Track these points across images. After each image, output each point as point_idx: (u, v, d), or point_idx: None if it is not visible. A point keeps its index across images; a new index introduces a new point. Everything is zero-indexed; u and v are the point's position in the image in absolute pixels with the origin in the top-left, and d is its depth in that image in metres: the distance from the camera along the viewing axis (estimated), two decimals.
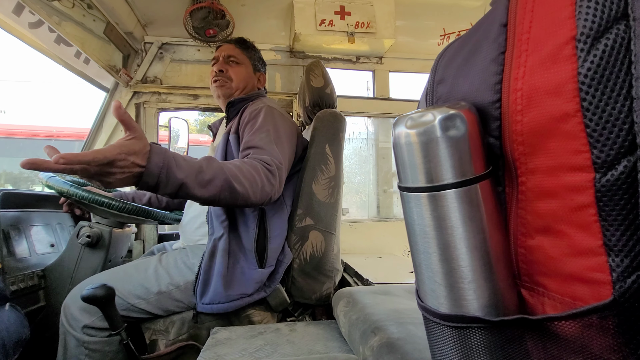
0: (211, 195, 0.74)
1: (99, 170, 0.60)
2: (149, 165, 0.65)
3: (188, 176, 0.70)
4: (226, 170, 0.76)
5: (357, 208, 1.96)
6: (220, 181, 0.75)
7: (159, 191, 0.69)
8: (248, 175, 0.80)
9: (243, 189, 0.78)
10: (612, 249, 0.24)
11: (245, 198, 0.79)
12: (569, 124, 0.24)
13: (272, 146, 0.90)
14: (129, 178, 0.64)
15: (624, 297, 0.23)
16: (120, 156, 0.61)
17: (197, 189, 0.72)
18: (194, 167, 0.72)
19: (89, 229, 1.05)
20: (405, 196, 0.33)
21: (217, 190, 0.74)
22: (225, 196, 0.76)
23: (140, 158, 0.64)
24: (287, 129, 1.00)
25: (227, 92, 1.11)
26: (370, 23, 1.61)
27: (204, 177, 0.73)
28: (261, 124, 0.94)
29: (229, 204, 0.79)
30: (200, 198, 0.74)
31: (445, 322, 0.31)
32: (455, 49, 0.36)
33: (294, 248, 1.01)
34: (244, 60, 1.15)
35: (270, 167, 0.84)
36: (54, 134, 4.28)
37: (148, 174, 0.65)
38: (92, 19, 1.43)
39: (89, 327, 0.84)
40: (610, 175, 0.23)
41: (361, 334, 0.65)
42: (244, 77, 1.13)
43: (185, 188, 0.70)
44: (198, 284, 0.89)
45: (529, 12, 0.27)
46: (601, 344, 0.25)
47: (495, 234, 0.30)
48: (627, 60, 0.22)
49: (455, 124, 0.29)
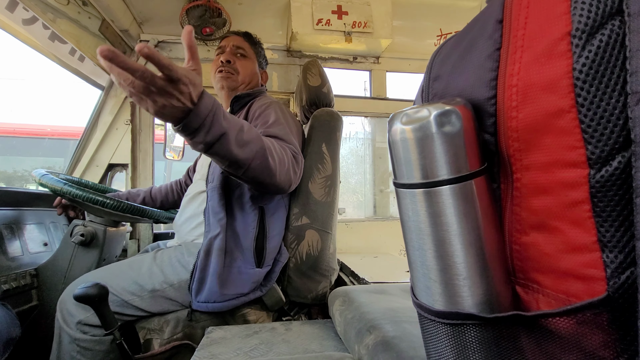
0: (245, 158, 0.71)
1: (163, 86, 0.55)
2: (200, 104, 0.61)
3: (231, 129, 0.67)
4: (264, 139, 0.76)
5: (354, 208, 1.96)
6: (257, 146, 0.73)
7: (197, 136, 0.63)
8: (280, 154, 0.80)
9: (274, 164, 0.77)
10: (606, 245, 0.24)
11: (272, 174, 0.77)
12: (564, 120, 0.24)
13: (292, 138, 0.91)
14: (178, 110, 0.59)
15: (618, 293, 0.23)
16: (186, 80, 0.57)
17: (234, 146, 0.69)
18: (237, 123, 0.70)
19: (83, 228, 1.04)
20: (400, 192, 0.33)
21: (252, 154, 0.72)
22: (256, 164, 0.74)
23: (196, 93, 0.60)
24: (295, 126, 1.01)
25: (232, 85, 1.08)
26: (368, 23, 1.61)
27: (244, 137, 0.71)
28: (275, 118, 0.93)
29: (254, 176, 0.75)
30: (234, 157, 0.70)
31: (440, 319, 0.31)
32: (452, 45, 0.36)
33: (290, 247, 1.00)
34: (251, 55, 1.13)
35: (297, 155, 0.86)
36: (49, 133, 4.23)
37: (196, 114, 0.61)
38: (87, 16, 1.41)
39: (84, 324, 0.84)
40: (605, 171, 0.23)
41: (356, 333, 0.64)
42: (250, 72, 1.12)
43: (225, 140, 0.66)
44: (193, 282, 0.89)
45: (524, 8, 0.27)
46: (595, 340, 0.25)
47: (490, 230, 0.30)
48: (621, 55, 0.22)
49: (450, 120, 0.29)
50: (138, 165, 1.64)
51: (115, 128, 1.62)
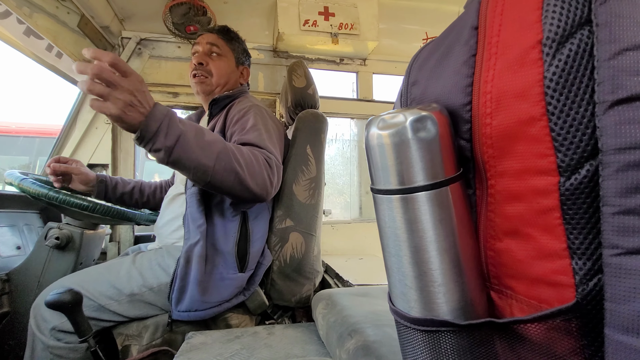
0: (207, 161, 0.71)
1: (136, 86, 0.62)
2: (155, 109, 0.65)
3: (188, 131, 0.69)
4: (227, 143, 0.75)
5: (341, 209, 1.96)
6: (218, 148, 0.72)
7: (157, 141, 0.66)
8: (247, 158, 0.77)
9: (240, 167, 0.74)
10: (575, 252, 0.24)
11: (241, 179, 0.75)
12: (535, 128, 0.25)
13: (268, 145, 0.87)
14: (137, 113, 0.63)
15: (586, 300, 0.24)
16: (139, 77, 0.64)
17: (195, 147, 0.69)
18: (194, 126, 0.71)
19: (58, 231, 1.00)
20: (377, 198, 0.32)
21: (214, 155, 0.71)
22: (220, 167, 0.72)
23: (149, 99, 0.66)
24: (276, 130, 0.98)
25: (207, 89, 1.05)
26: (354, 25, 1.62)
27: (204, 138, 0.71)
28: (253, 124, 0.90)
29: (222, 181, 0.74)
30: (196, 160, 0.69)
31: (416, 325, 0.30)
32: (429, 51, 0.36)
33: (273, 250, 0.99)
34: (226, 53, 1.08)
35: (271, 160, 0.82)
36: (13, 130, 4.03)
37: (153, 116, 0.65)
38: (65, 11, 1.37)
39: (58, 330, 0.81)
40: (574, 179, 0.23)
41: (338, 337, 0.64)
42: (225, 72, 1.06)
43: (184, 141, 0.68)
44: (173, 291, 0.86)
45: (498, 16, 0.27)
46: (565, 346, 0.26)
47: (466, 237, 0.30)
48: (590, 65, 0.23)
49: (426, 125, 0.28)
50: (119, 165, 1.59)
51: (95, 127, 1.57)
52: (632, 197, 0.20)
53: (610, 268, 0.21)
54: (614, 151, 0.21)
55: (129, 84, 0.62)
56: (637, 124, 0.20)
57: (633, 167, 0.20)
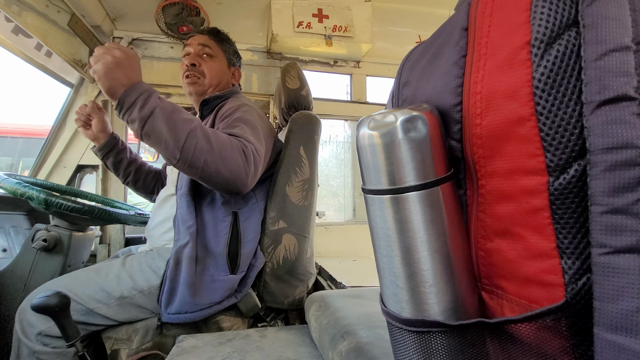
0: (178, 138, 0.72)
1: (127, 55, 0.73)
2: (139, 83, 0.73)
3: (165, 107, 0.73)
4: (200, 125, 0.76)
5: (335, 211, 1.96)
6: (192, 126, 0.74)
7: (133, 111, 0.71)
8: (221, 140, 0.77)
9: (212, 150, 0.74)
10: (564, 252, 0.24)
11: (213, 161, 0.74)
12: (525, 128, 0.25)
13: (249, 137, 0.86)
14: (123, 79, 0.72)
15: (576, 299, 0.24)
16: (136, 63, 0.76)
17: (168, 123, 0.72)
18: (173, 105, 0.76)
19: (46, 233, 0.98)
20: (368, 199, 0.32)
21: (185, 132, 0.73)
22: (192, 145, 0.73)
23: (138, 75, 0.75)
24: (265, 128, 0.96)
25: (200, 90, 1.05)
26: (348, 27, 1.62)
27: (180, 115, 0.74)
28: (239, 118, 0.90)
29: (194, 162, 0.74)
30: (166, 135, 0.72)
31: (407, 326, 0.30)
32: (420, 51, 0.36)
33: (266, 252, 0.98)
34: (218, 54, 1.08)
35: (247, 150, 0.80)
36: None
37: (135, 88, 0.72)
38: (56, 10, 1.35)
39: (45, 335, 0.79)
40: (563, 179, 0.23)
41: (331, 339, 0.64)
42: (218, 73, 1.06)
43: (158, 114, 0.72)
44: (163, 293, 0.85)
45: (487, 17, 0.28)
46: (555, 346, 0.26)
47: (456, 237, 0.30)
48: (577, 66, 0.23)
49: (416, 125, 0.28)
50: None
51: None
52: (619, 197, 0.21)
53: (599, 267, 0.22)
54: (602, 151, 0.21)
55: (120, 53, 0.72)
56: (623, 124, 0.21)
57: (620, 167, 0.20)
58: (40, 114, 19.43)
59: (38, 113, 20.85)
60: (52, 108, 1.33)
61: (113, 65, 0.71)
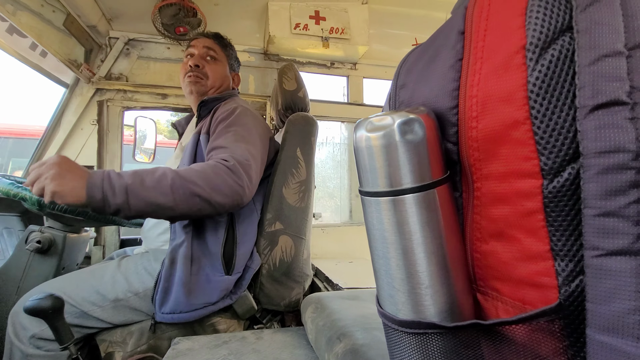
0: (165, 199, 0.71)
1: (55, 160, 0.67)
2: (91, 177, 0.68)
3: (132, 181, 0.70)
4: (172, 170, 0.74)
5: (331, 212, 1.96)
6: (169, 180, 0.72)
7: (109, 203, 0.68)
8: (204, 176, 0.75)
9: (201, 188, 0.73)
10: (558, 254, 0.24)
11: (207, 198, 0.74)
12: (519, 131, 0.25)
13: (237, 144, 0.85)
14: (76, 183, 0.67)
15: (569, 301, 0.24)
16: (66, 161, 0.69)
17: (147, 191, 0.70)
18: (135, 173, 0.72)
19: (40, 234, 0.97)
20: (365, 200, 0.32)
21: (168, 189, 0.71)
22: (180, 197, 0.72)
23: (82, 171, 0.70)
24: (260, 130, 0.97)
25: (202, 90, 1.05)
26: (345, 29, 1.63)
27: (152, 177, 0.72)
28: (231, 122, 0.90)
29: (192, 209, 0.74)
30: (155, 203, 0.70)
31: (403, 328, 0.30)
32: (417, 54, 0.36)
33: (263, 253, 0.98)
34: (221, 58, 1.10)
35: (228, 162, 0.79)
36: None
37: (92, 184, 0.68)
38: (51, 10, 1.34)
39: (38, 338, 0.78)
40: (557, 182, 0.24)
41: (327, 341, 0.64)
42: (221, 76, 1.08)
43: (134, 191, 0.69)
44: (157, 292, 0.84)
45: (483, 21, 0.28)
46: (549, 347, 0.26)
47: (452, 239, 0.31)
48: (571, 70, 0.23)
49: (413, 128, 0.29)
50: (105, 167, 1.56)
51: (81, 128, 1.53)
52: (611, 200, 0.21)
53: (591, 269, 0.22)
54: (594, 154, 0.21)
55: (50, 161, 0.68)
56: (616, 129, 0.21)
57: (612, 170, 0.21)
58: (32, 114, 19.22)
59: (29, 113, 20.59)
60: (44, 108, 1.32)
61: (57, 174, 0.66)
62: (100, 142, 1.54)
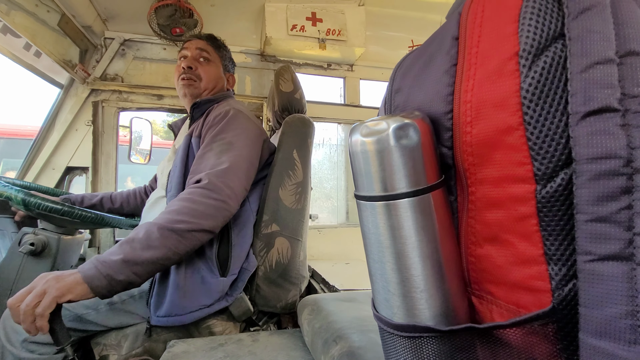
0: (162, 251, 0.70)
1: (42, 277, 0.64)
2: (83, 271, 0.66)
3: (125, 252, 0.68)
4: (155, 222, 0.73)
5: (328, 214, 1.96)
6: (156, 233, 0.71)
7: (116, 284, 0.67)
8: (183, 209, 0.75)
9: (189, 224, 0.74)
10: (551, 258, 0.25)
11: (199, 228, 0.75)
12: (513, 137, 0.25)
13: (217, 159, 0.85)
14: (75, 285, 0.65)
15: (562, 305, 0.24)
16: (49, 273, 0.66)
17: (142, 254, 0.69)
18: (121, 244, 0.71)
19: (33, 236, 0.96)
20: (361, 205, 0.32)
21: (159, 243, 0.70)
22: (175, 242, 0.72)
23: (71, 271, 0.67)
24: (251, 133, 0.95)
25: (195, 92, 1.04)
26: (342, 31, 1.63)
27: (139, 239, 0.70)
28: (219, 130, 0.90)
29: (190, 244, 0.75)
30: (156, 261, 0.70)
31: (398, 332, 0.30)
32: (412, 59, 0.37)
33: (259, 255, 0.98)
34: (215, 59, 1.09)
35: (202, 182, 0.80)
36: None
37: (88, 276, 0.65)
38: (45, 10, 1.33)
39: (31, 342, 0.77)
40: (550, 187, 0.24)
41: (323, 343, 0.64)
42: (214, 77, 1.07)
43: (131, 260, 0.68)
44: (152, 296, 0.84)
45: (477, 27, 0.28)
46: (543, 350, 0.26)
47: (447, 243, 0.31)
48: (564, 77, 0.23)
49: (408, 133, 0.29)
50: (100, 168, 1.55)
51: (75, 129, 1.52)
52: (603, 205, 0.21)
53: (584, 274, 0.22)
54: (587, 160, 0.22)
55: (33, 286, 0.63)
56: (607, 135, 0.21)
57: (604, 176, 0.21)
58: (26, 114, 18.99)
59: (23, 113, 20.35)
60: (37, 108, 1.31)
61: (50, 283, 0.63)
62: (95, 143, 1.53)
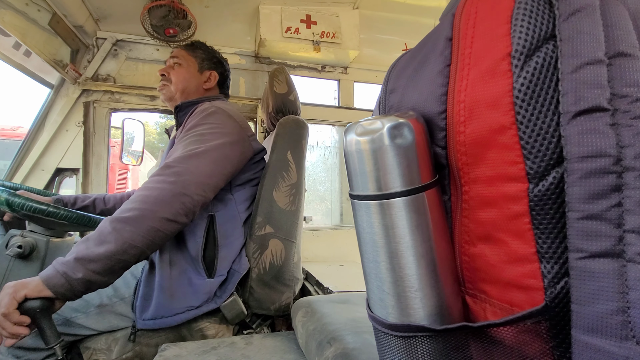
0: (119, 244, 0.67)
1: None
2: (43, 275, 0.64)
3: (79, 249, 0.66)
4: (110, 216, 0.71)
5: (322, 216, 1.96)
6: (108, 226, 0.68)
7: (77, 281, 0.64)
8: (135, 198, 0.72)
9: (139, 211, 0.70)
10: (543, 256, 0.25)
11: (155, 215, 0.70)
12: (506, 136, 0.26)
13: (184, 148, 0.82)
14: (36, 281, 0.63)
15: (554, 302, 0.24)
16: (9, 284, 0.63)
17: (96, 248, 0.66)
18: (78, 243, 0.68)
19: (21, 239, 0.94)
20: (355, 204, 0.32)
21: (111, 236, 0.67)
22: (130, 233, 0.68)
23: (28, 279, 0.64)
24: (228, 127, 0.92)
25: (168, 94, 1.08)
26: (336, 34, 1.64)
27: (93, 235, 0.68)
28: (193, 125, 0.89)
29: (156, 235, 0.70)
30: (112, 255, 0.66)
31: (393, 331, 0.30)
32: (407, 59, 0.37)
33: (252, 257, 0.97)
34: (186, 61, 1.10)
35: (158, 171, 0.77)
36: None
37: (46, 278, 0.63)
38: (36, 9, 1.31)
39: (17, 347, 0.75)
40: (542, 186, 0.24)
41: (317, 345, 0.63)
42: (183, 78, 1.08)
43: (84, 257, 0.65)
44: (137, 299, 0.82)
45: (470, 28, 0.28)
46: (536, 348, 0.26)
47: (441, 242, 0.31)
48: (555, 77, 0.24)
49: (402, 132, 0.29)
50: (90, 170, 1.53)
51: (66, 130, 1.50)
52: (594, 203, 0.22)
53: (576, 271, 0.22)
54: (578, 159, 0.22)
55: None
56: (597, 134, 0.21)
57: (595, 175, 0.21)
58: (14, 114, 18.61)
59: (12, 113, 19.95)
60: (28, 109, 1.27)
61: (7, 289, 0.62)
62: (86, 144, 1.51)
